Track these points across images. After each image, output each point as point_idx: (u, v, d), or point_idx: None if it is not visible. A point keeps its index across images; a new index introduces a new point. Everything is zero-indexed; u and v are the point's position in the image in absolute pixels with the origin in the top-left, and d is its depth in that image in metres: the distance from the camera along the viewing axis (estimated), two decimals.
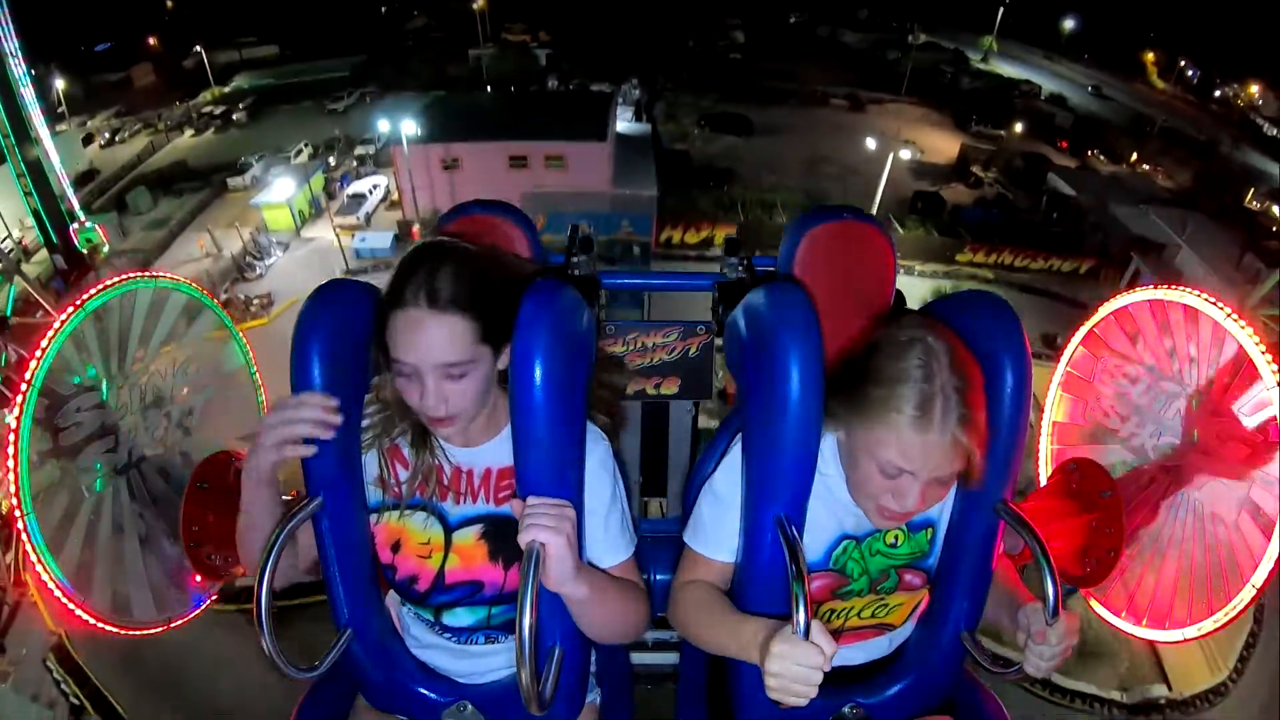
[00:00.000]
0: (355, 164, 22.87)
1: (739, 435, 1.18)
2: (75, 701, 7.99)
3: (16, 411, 1.55)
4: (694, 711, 1.47)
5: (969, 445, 0.98)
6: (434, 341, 1.00)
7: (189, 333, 1.93)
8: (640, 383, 1.78)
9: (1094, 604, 1.75)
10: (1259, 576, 1.54)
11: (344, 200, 20.16)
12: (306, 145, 23.18)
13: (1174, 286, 1.74)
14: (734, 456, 1.18)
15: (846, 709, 1.23)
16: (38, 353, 1.58)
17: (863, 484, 1.07)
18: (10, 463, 1.54)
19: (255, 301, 16.31)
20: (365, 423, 1.16)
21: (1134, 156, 26.64)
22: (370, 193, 20.34)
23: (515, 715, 1.13)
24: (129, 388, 1.75)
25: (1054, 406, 2.02)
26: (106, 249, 16.65)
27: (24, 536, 1.54)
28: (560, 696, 1.11)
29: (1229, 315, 1.60)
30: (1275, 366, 1.52)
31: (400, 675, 1.22)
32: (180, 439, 1.87)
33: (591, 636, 1.14)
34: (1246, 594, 1.57)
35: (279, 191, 19.07)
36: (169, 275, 1.88)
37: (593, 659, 1.32)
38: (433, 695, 1.22)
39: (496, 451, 1.15)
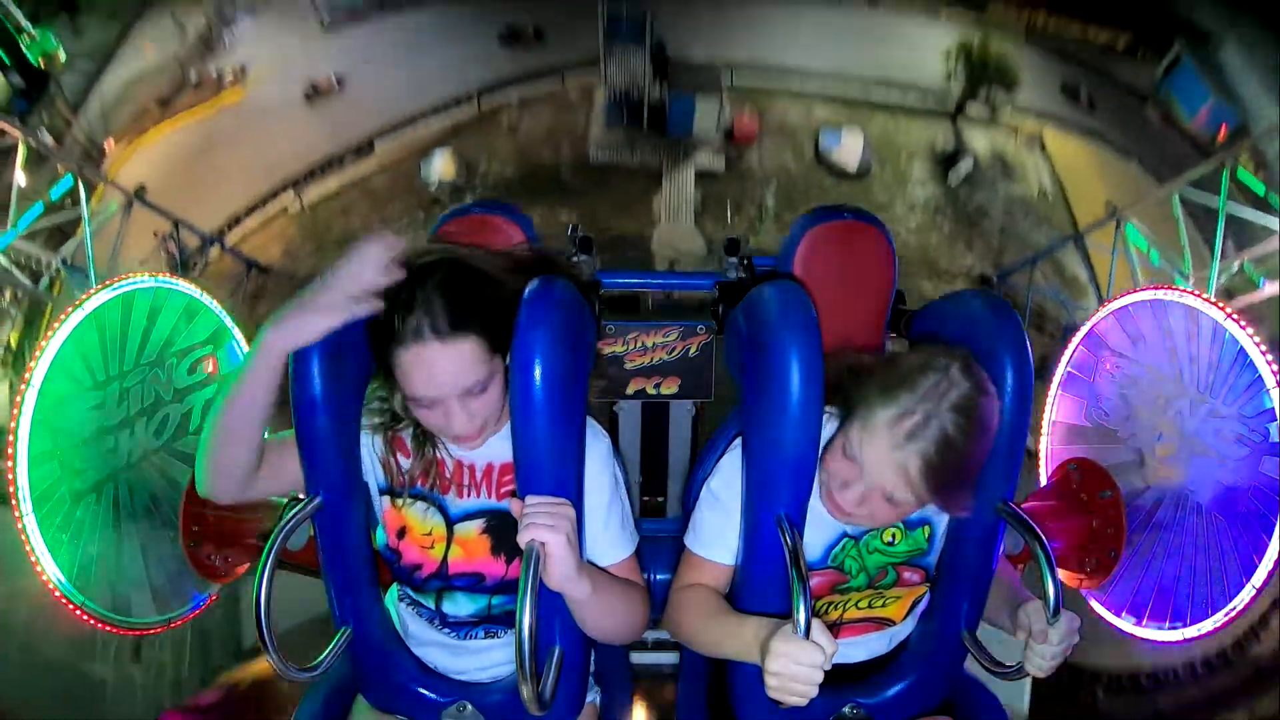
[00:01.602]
0: None
1: (738, 436, 1.18)
2: None
3: (17, 412, 1.55)
4: (694, 711, 1.47)
5: (921, 483, 0.97)
6: (450, 370, 0.99)
7: (189, 333, 1.93)
8: (640, 383, 1.78)
9: (1094, 604, 1.75)
10: (1259, 576, 1.54)
11: None
12: None
13: (1174, 288, 1.74)
14: (731, 458, 1.18)
15: (846, 709, 1.23)
16: (38, 353, 1.58)
17: (828, 455, 1.08)
18: (10, 463, 1.54)
19: (229, 73, 14.78)
20: (370, 418, 1.17)
21: None
22: None
23: (515, 715, 1.13)
24: (129, 388, 1.75)
25: (1054, 406, 2.02)
26: (64, 56, 15.78)
27: (24, 536, 1.55)
28: (560, 696, 1.11)
29: (1229, 315, 1.60)
30: (1275, 367, 1.52)
31: (400, 675, 1.22)
32: (180, 439, 1.88)
33: (592, 636, 1.14)
34: (1246, 594, 1.57)
35: None
36: (169, 276, 1.88)
37: (593, 659, 1.32)
38: (432, 695, 1.22)
39: (499, 447, 1.16)
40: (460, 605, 1.20)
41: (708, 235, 11.81)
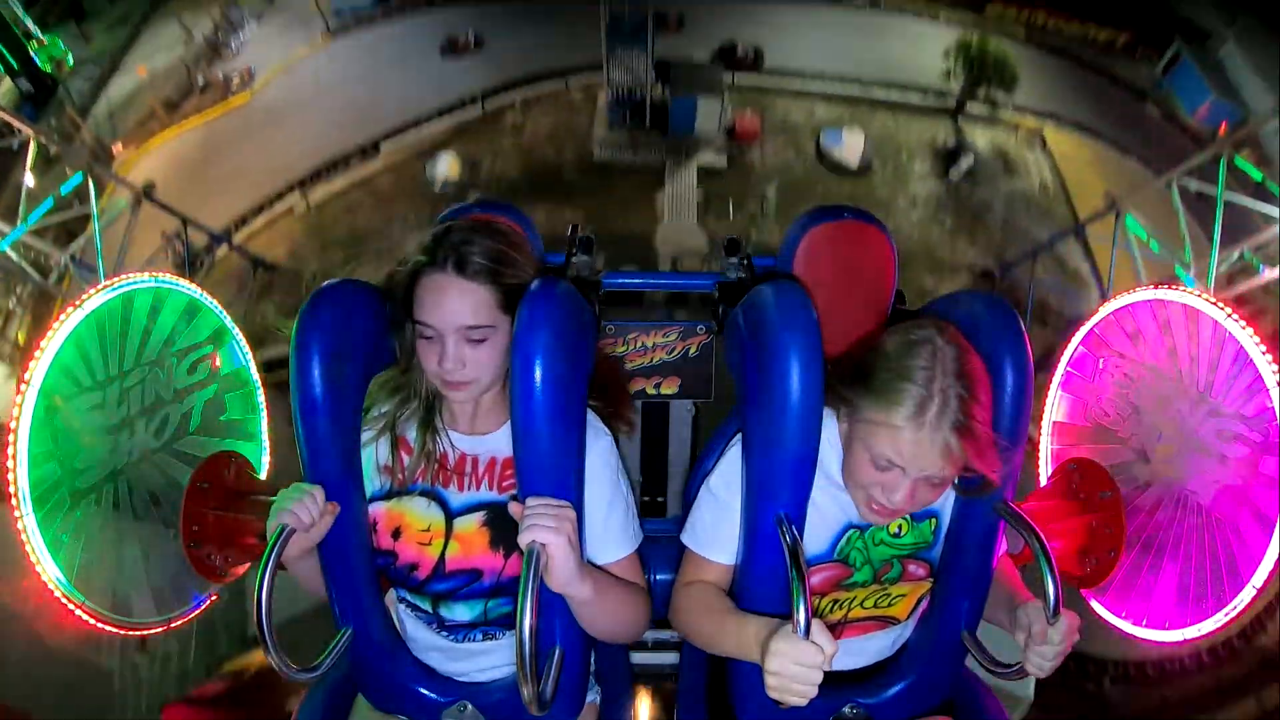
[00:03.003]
0: None
1: (737, 435, 1.18)
2: None
3: (16, 412, 1.55)
4: (694, 711, 1.47)
5: (962, 452, 0.99)
6: (457, 305, 1.06)
7: (188, 332, 1.93)
8: (640, 383, 1.78)
9: (1094, 604, 1.75)
10: (1259, 576, 1.54)
11: None
12: None
13: (1174, 287, 1.74)
14: (731, 457, 1.18)
15: (846, 709, 1.23)
16: (38, 353, 1.58)
17: (855, 472, 1.08)
18: (10, 463, 1.53)
19: (236, 78, 15.43)
20: (376, 412, 1.18)
21: None
22: None
23: (515, 715, 1.13)
24: (129, 388, 1.75)
25: (1054, 406, 2.02)
26: (72, 60, 15.56)
27: (24, 537, 1.54)
28: (560, 696, 1.11)
29: (1229, 315, 1.59)
30: (1275, 366, 1.52)
31: (400, 675, 1.22)
32: (180, 439, 1.87)
33: (593, 635, 1.14)
34: (1246, 594, 1.56)
35: None
36: (169, 275, 1.88)
37: (593, 659, 1.32)
38: (433, 695, 1.22)
39: (501, 440, 1.16)
40: (457, 612, 1.20)
41: (710, 232, 11.80)
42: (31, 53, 14.89)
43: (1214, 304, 1.62)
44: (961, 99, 15.11)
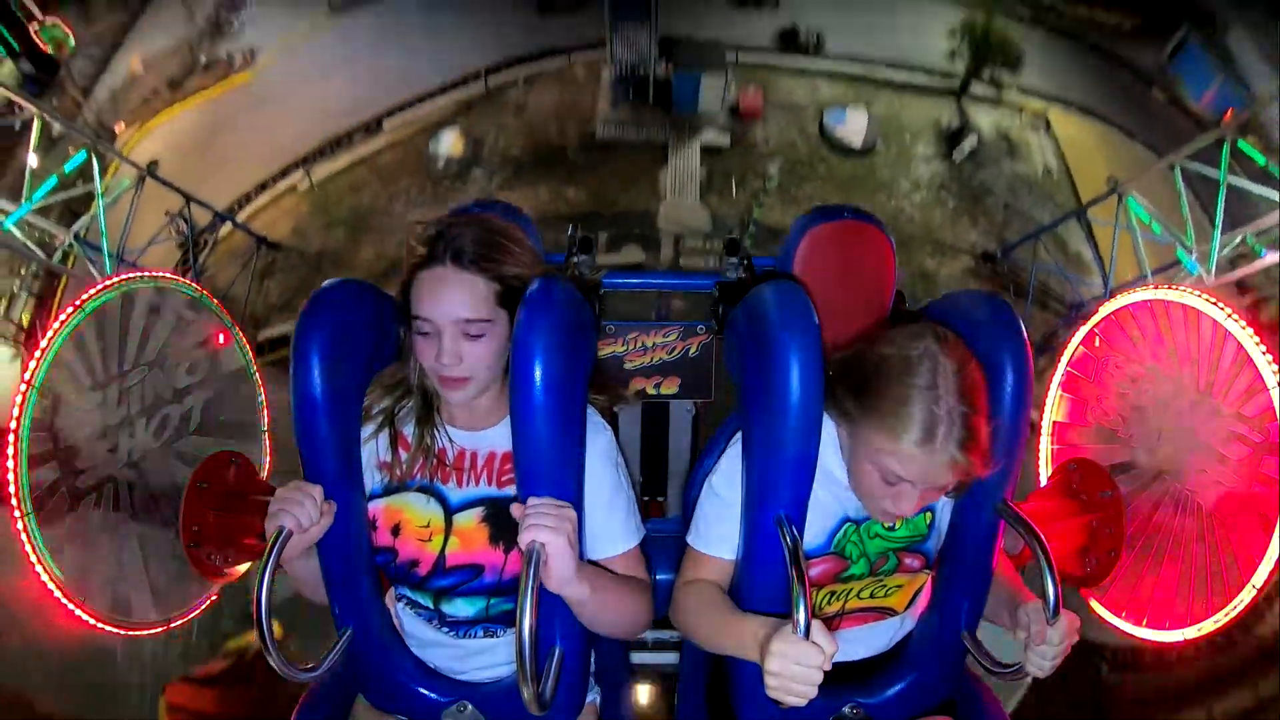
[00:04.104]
0: None
1: (738, 434, 1.18)
2: None
3: (16, 412, 1.55)
4: (694, 711, 1.47)
5: (967, 463, 1.00)
6: (454, 297, 1.06)
7: (189, 332, 1.93)
8: (640, 383, 1.78)
9: (1094, 604, 1.75)
10: (1259, 576, 1.54)
11: None
12: None
13: (1174, 287, 1.74)
14: (733, 455, 1.18)
15: (846, 709, 1.23)
16: (38, 353, 1.58)
17: (864, 486, 1.09)
18: (10, 463, 1.54)
19: (239, 56, 15.12)
20: (376, 408, 1.18)
21: None
22: None
23: (515, 715, 1.13)
24: (129, 388, 1.75)
25: (1054, 406, 2.02)
26: (73, 42, 16.08)
27: (24, 537, 1.54)
28: (560, 696, 1.11)
29: (1229, 315, 1.59)
30: (1275, 366, 1.52)
31: (400, 675, 1.22)
32: (180, 439, 1.87)
33: (594, 631, 1.14)
34: (1246, 594, 1.56)
35: None
36: (169, 275, 1.88)
37: (593, 659, 1.32)
38: (433, 695, 1.22)
39: (500, 435, 1.16)
40: (459, 608, 1.20)
41: (713, 210, 11.76)
42: (33, 33, 15.03)
43: (1214, 304, 1.62)
44: (966, 80, 15.03)
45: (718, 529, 1.18)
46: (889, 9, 16.56)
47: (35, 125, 8.40)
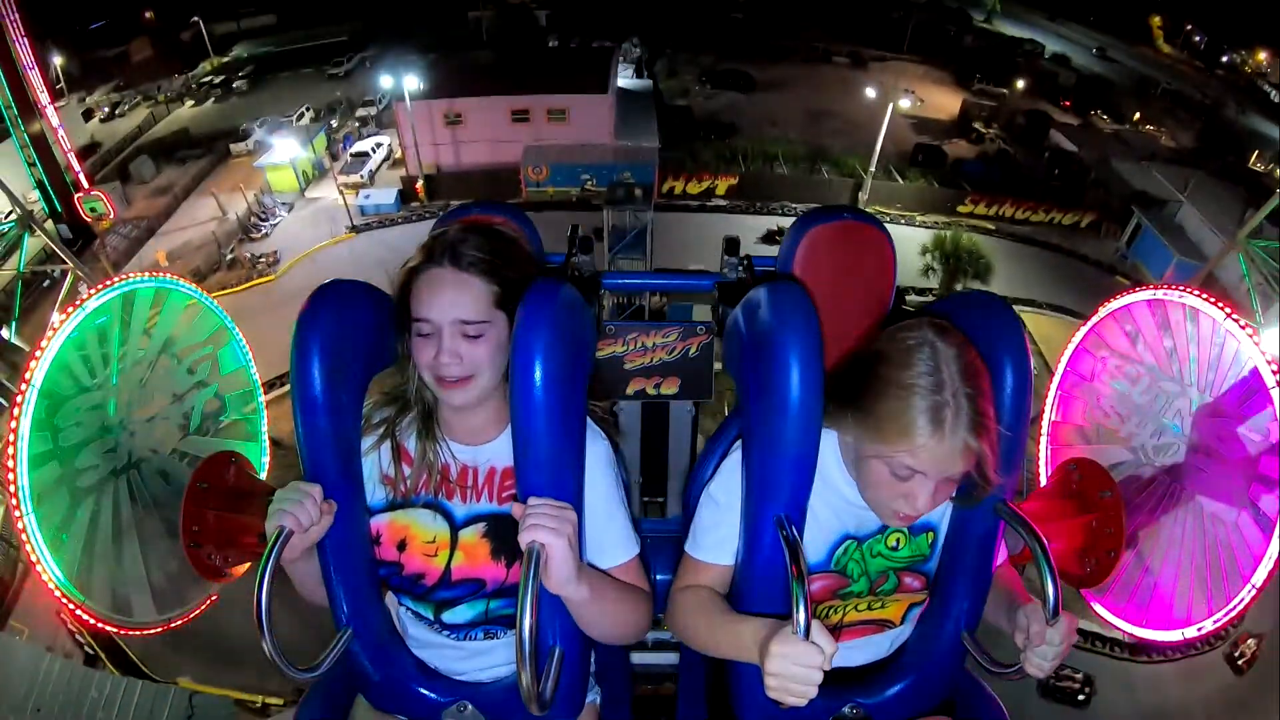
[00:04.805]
0: (357, 125, 22.92)
1: (737, 441, 1.18)
2: (90, 651, 8.31)
3: (18, 412, 1.55)
4: (694, 711, 1.47)
5: (979, 448, 0.99)
6: (453, 297, 1.07)
7: (189, 333, 1.93)
8: (640, 383, 1.78)
9: (1094, 605, 1.75)
10: (1259, 576, 1.54)
11: (347, 160, 20.41)
12: (308, 109, 23.11)
13: (1174, 287, 1.74)
14: (731, 462, 1.17)
15: (846, 709, 1.23)
16: (40, 354, 1.58)
17: (874, 486, 1.07)
18: (11, 463, 1.54)
19: (262, 260, 16.89)
20: (377, 417, 1.17)
21: (1137, 116, 26.37)
22: (374, 151, 20.63)
23: (515, 715, 1.13)
24: (129, 389, 1.75)
25: (1054, 406, 2.02)
26: (111, 217, 16.71)
27: (24, 536, 1.54)
28: (560, 696, 1.11)
29: (1229, 315, 1.60)
30: (1275, 368, 1.52)
31: (400, 675, 1.22)
32: (180, 439, 1.87)
33: (592, 636, 1.14)
34: (1246, 594, 1.56)
35: (282, 153, 19.26)
36: (169, 275, 1.88)
37: (593, 659, 1.32)
38: (433, 695, 1.22)
39: (500, 450, 1.16)
40: (459, 615, 1.20)
41: None
42: (76, 201, 16.14)
43: (1214, 304, 1.62)
44: (941, 293, 16.33)
45: (713, 535, 1.18)
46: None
47: (68, 281, 8.86)
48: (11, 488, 1.54)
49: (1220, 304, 1.61)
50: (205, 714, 7.39)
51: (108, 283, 1.70)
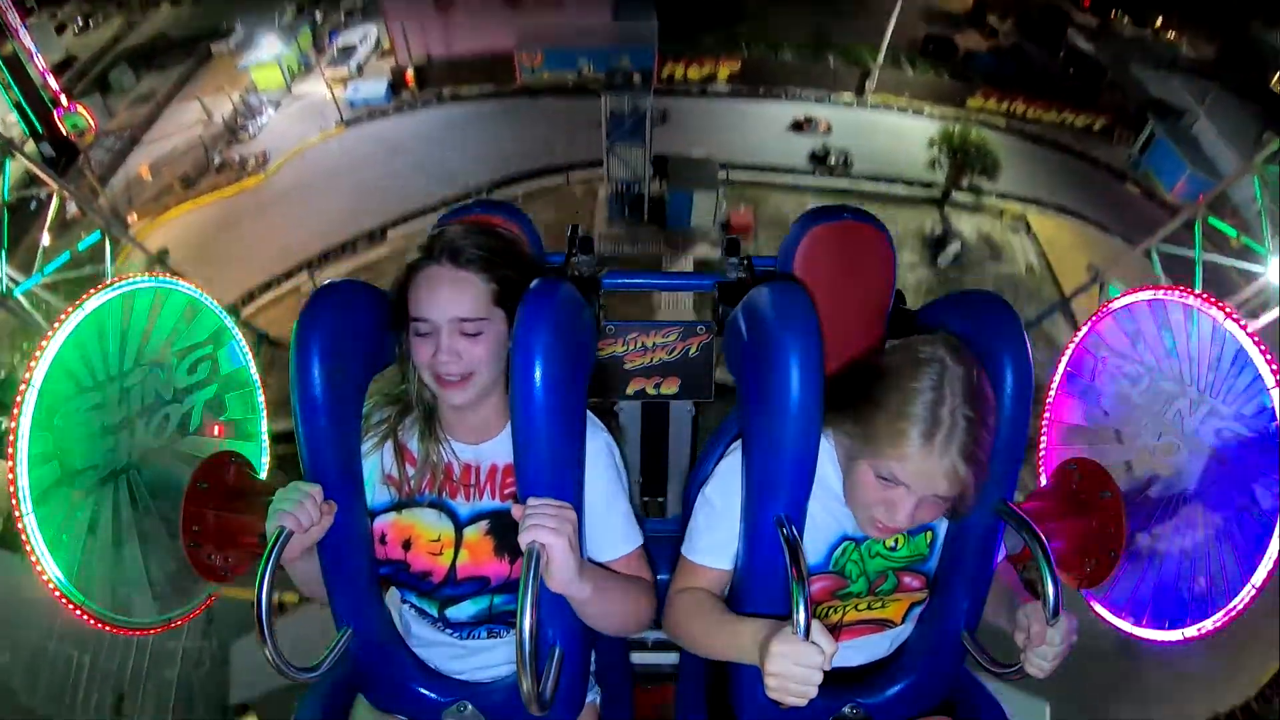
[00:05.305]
0: (343, 17, 21.89)
1: (736, 442, 1.18)
2: None
3: (17, 412, 1.55)
4: (694, 711, 1.47)
5: (965, 477, 0.99)
6: (451, 294, 1.07)
7: (189, 332, 1.93)
8: (640, 383, 1.78)
9: (1094, 604, 1.75)
10: (1259, 576, 1.54)
11: (333, 53, 19.59)
12: (291, 3, 21.85)
13: (1173, 288, 1.74)
14: (729, 464, 1.18)
15: (846, 709, 1.23)
16: (39, 353, 1.58)
17: (857, 490, 1.08)
18: (11, 463, 1.54)
19: (251, 160, 16.38)
20: (377, 418, 1.18)
21: (1159, 21, 24.73)
22: (360, 43, 19.80)
23: (515, 715, 1.13)
24: (129, 388, 1.75)
25: (1054, 406, 2.02)
26: (93, 131, 16.30)
27: (24, 537, 1.54)
28: (560, 696, 1.11)
29: (1228, 315, 1.59)
30: (1275, 366, 1.52)
31: (400, 675, 1.22)
32: (180, 439, 1.87)
33: (597, 629, 1.15)
34: (1246, 594, 1.56)
35: (266, 50, 18.53)
36: (169, 275, 1.88)
37: (593, 659, 1.32)
38: (433, 695, 1.22)
39: (500, 448, 1.16)
40: (463, 610, 1.21)
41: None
42: (57, 118, 15.66)
43: (1213, 304, 1.62)
44: (947, 188, 15.83)
45: (708, 538, 1.18)
46: (869, 126, 17.20)
47: (54, 203, 8.75)
48: (11, 488, 1.53)
49: (1220, 304, 1.61)
50: (224, 616, 7.19)
51: (107, 283, 1.70)
